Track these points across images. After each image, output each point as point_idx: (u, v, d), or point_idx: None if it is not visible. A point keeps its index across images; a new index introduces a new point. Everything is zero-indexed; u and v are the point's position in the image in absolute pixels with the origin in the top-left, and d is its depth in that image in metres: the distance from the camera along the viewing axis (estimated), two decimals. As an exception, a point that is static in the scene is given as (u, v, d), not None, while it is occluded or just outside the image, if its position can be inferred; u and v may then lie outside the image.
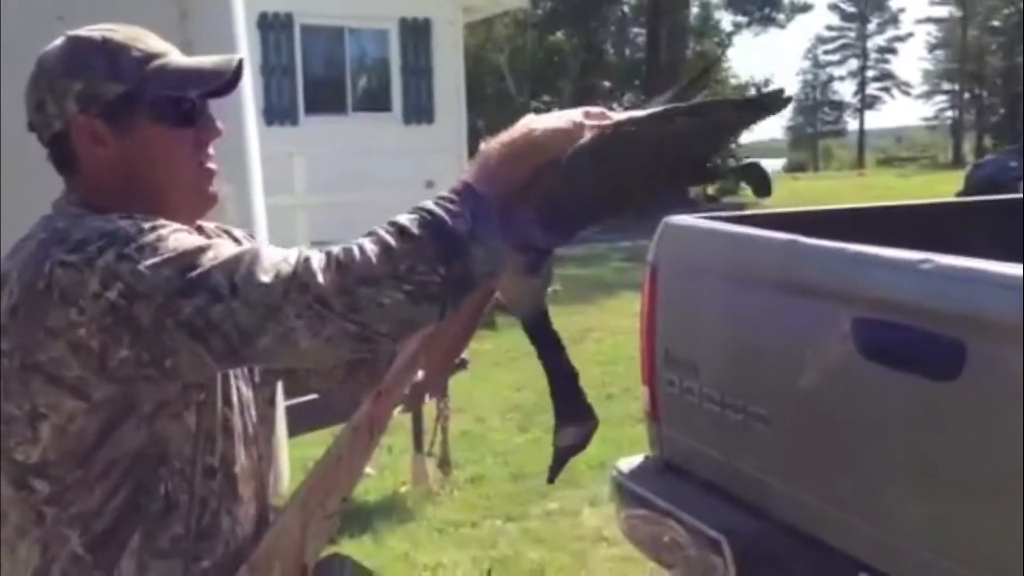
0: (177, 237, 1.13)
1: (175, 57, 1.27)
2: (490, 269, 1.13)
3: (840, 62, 60.39)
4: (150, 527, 1.19)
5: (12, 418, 1.17)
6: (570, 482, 4.97)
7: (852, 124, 60.02)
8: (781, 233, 2.31)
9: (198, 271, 1.08)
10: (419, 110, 10.64)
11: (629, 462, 2.82)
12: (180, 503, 1.21)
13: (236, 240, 1.41)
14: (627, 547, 4.02)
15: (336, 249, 1.10)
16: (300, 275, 1.07)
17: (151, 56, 1.24)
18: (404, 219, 1.11)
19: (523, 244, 1.19)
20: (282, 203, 5.25)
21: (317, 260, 1.09)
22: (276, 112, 9.28)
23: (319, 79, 10.56)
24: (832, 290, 2.15)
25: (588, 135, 1.18)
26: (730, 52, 30.10)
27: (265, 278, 1.07)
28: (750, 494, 2.40)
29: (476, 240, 1.10)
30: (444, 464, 5.03)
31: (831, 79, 60.94)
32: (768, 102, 1.20)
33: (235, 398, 1.27)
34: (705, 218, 2.68)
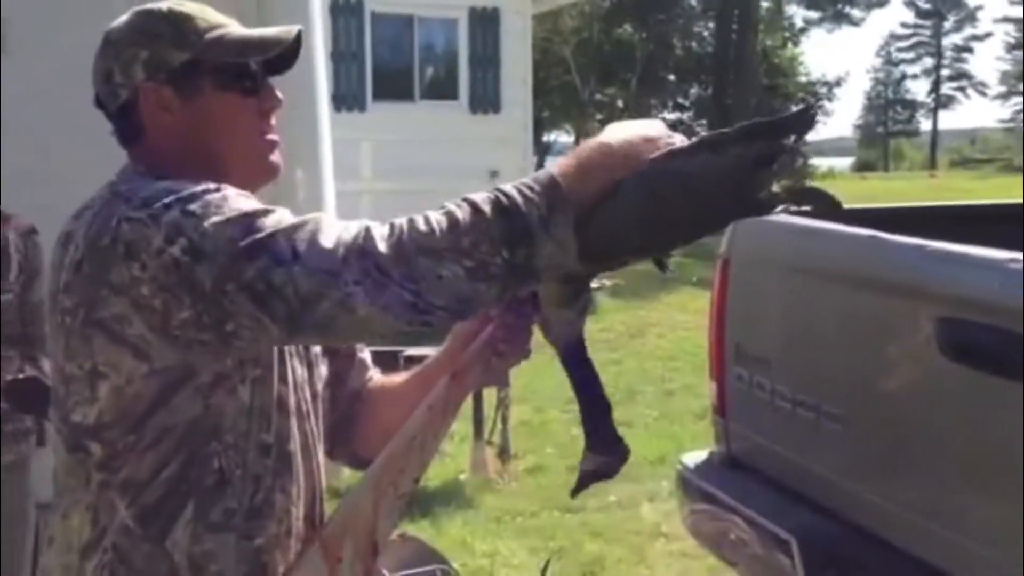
0: (242, 200, 1.13)
1: (235, 27, 1.29)
2: (555, 264, 1.10)
3: (914, 60, 59.05)
4: (203, 500, 1.19)
5: (73, 377, 1.17)
6: (629, 477, 4.95)
7: (925, 124, 58.71)
8: (861, 228, 2.25)
9: (261, 234, 1.08)
10: (485, 100, 10.64)
11: (694, 457, 2.78)
12: (233, 478, 1.21)
13: None
14: (686, 543, 3.98)
15: (401, 219, 1.10)
16: (360, 242, 1.07)
17: (213, 26, 1.27)
18: (478, 196, 1.10)
19: (565, 272, 1.16)
20: (348, 188, 5.29)
21: (379, 229, 1.09)
22: (344, 98, 9.35)
23: (387, 66, 10.62)
24: (914, 288, 2.09)
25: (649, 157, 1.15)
26: (801, 48, 29.54)
27: (327, 243, 1.07)
28: (820, 494, 2.35)
29: (547, 231, 1.08)
30: (503, 453, 5.04)
31: (904, 77, 59.62)
32: (795, 122, 1.14)
33: (290, 376, 1.27)
34: (780, 213, 2.62)
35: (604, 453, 1.30)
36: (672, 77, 27.55)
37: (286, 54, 1.29)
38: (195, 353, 1.14)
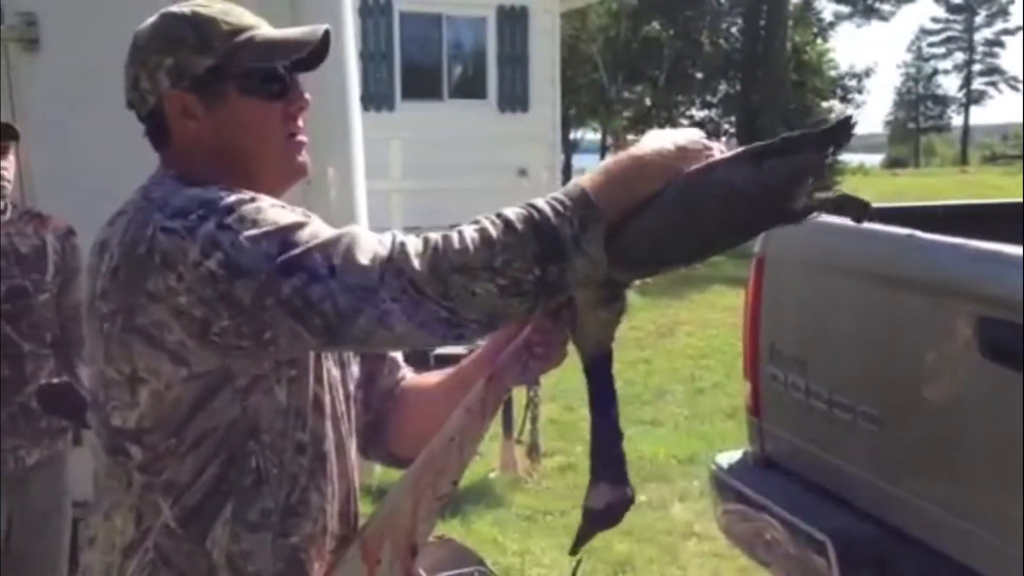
0: (276, 211, 1.13)
1: (264, 29, 1.28)
2: (587, 279, 1.12)
3: (945, 55, 58.40)
4: (241, 499, 1.20)
5: (112, 382, 1.18)
6: (659, 476, 4.94)
7: (956, 120, 58.04)
8: (898, 227, 2.23)
9: (298, 250, 1.09)
10: (514, 98, 10.64)
11: (728, 456, 2.77)
12: (270, 477, 1.21)
13: None
14: (718, 543, 3.97)
15: (436, 235, 1.10)
16: (396, 259, 1.08)
17: (239, 29, 1.25)
18: (511, 212, 1.10)
19: (604, 276, 1.15)
20: (378, 188, 5.31)
21: (413, 245, 1.09)
22: (373, 98, 9.38)
23: (416, 65, 10.64)
24: (954, 288, 2.07)
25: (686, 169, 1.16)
26: (831, 44, 29.25)
27: (363, 260, 1.08)
28: (855, 495, 2.33)
29: (579, 248, 1.09)
30: (533, 452, 5.03)
31: (935, 72, 58.96)
32: (839, 133, 1.14)
33: (325, 377, 1.28)
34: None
35: (613, 482, 1.27)
36: (700, 74, 27.39)
37: (315, 53, 1.28)
38: (233, 357, 1.15)
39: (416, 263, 1.08)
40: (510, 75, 10.65)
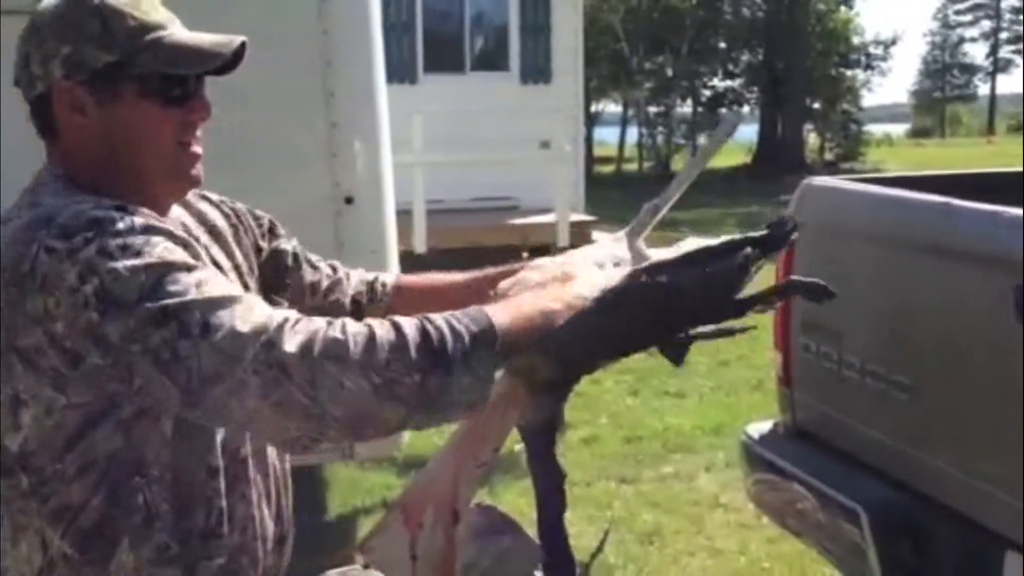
0: (167, 247, 1.07)
1: (174, 30, 1.19)
2: (469, 400, 1.07)
3: (972, 23, 57.49)
4: (134, 536, 1.14)
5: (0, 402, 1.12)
6: (685, 447, 4.94)
7: (983, 89, 57.23)
8: (935, 195, 2.21)
9: (176, 299, 1.03)
10: (536, 70, 10.57)
11: (758, 427, 2.77)
12: (161, 513, 1.15)
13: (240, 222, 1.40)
14: (744, 514, 3.97)
15: (321, 321, 1.05)
16: (272, 333, 1.02)
17: (148, 27, 1.17)
18: (403, 319, 1.06)
19: (544, 379, 1.18)
20: (400, 161, 5.28)
21: (299, 324, 1.04)
22: (396, 70, 9.34)
23: (438, 37, 10.59)
24: (990, 256, 2.04)
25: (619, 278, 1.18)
26: (856, 11, 28.84)
27: (240, 327, 1.02)
28: (889, 464, 2.33)
29: (467, 365, 1.05)
30: (560, 427, 5.04)
31: (961, 40, 58.08)
32: (778, 238, 1.18)
33: None
34: (849, 179, 2.58)
35: (553, 568, 1.28)
36: (723, 44, 27.12)
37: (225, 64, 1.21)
38: (111, 392, 1.09)
39: (289, 342, 1.02)
40: (532, 46, 10.58)
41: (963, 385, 2.16)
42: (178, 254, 1.08)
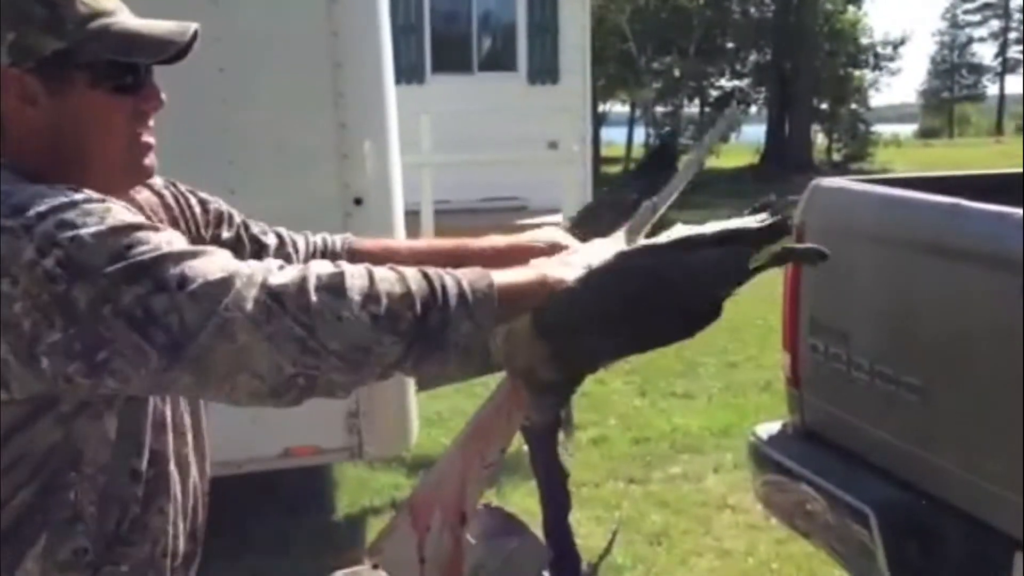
0: (129, 211, 1.04)
1: (124, 17, 1.15)
2: (467, 344, 1.05)
3: (981, 23, 57.32)
4: (54, 535, 1.09)
5: None
6: (693, 448, 4.94)
7: (991, 89, 57.03)
8: (943, 196, 2.20)
9: (145, 256, 0.98)
10: (544, 70, 10.58)
11: (767, 428, 2.76)
12: (86, 515, 1.11)
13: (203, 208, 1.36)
14: (752, 515, 3.97)
15: (317, 262, 1.03)
16: (258, 274, 0.98)
17: (97, 13, 1.13)
18: (404, 267, 1.04)
19: (547, 381, 1.16)
20: (408, 161, 5.29)
21: (286, 266, 1.01)
22: (404, 71, 9.36)
23: (446, 38, 10.61)
24: (1000, 257, 2.04)
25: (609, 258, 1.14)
26: (864, 11, 28.75)
27: (221, 273, 0.98)
28: (898, 466, 2.32)
29: (466, 307, 1.04)
30: (566, 424, 5.04)
31: (970, 40, 57.91)
32: (775, 231, 1.13)
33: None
34: (857, 180, 2.58)
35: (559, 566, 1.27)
36: (730, 44, 27.09)
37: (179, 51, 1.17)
38: (60, 387, 1.02)
39: (279, 277, 0.98)
40: (540, 47, 10.59)
41: (972, 386, 2.15)
42: (140, 218, 1.04)
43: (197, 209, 1.39)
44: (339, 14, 3.35)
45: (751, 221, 1.14)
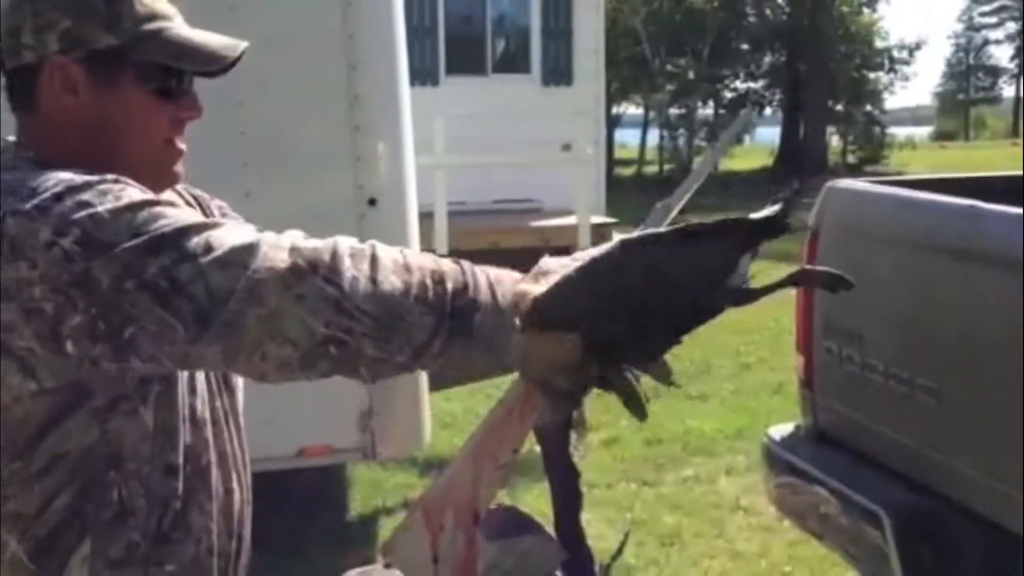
0: (142, 192, 1.02)
1: (178, 23, 1.16)
2: (489, 335, 1.02)
3: (997, 25, 56.99)
4: (101, 535, 1.08)
5: None
6: (706, 450, 4.93)
7: (1008, 91, 56.68)
8: (959, 198, 2.20)
9: (167, 228, 0.96)
10: (558, 72, 10.57)
11: (780, 430, 2.76)
12: (136, 508, 1.09)
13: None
14: (765, 517, 3.96)
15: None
16: (283, 238, 0.97)
17: (154, 15, 1.13)
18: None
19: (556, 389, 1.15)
20: (422, 163, 5.30)
21: (313, 238, 0.99)
22: (418, 72, 9.38)
23: (460, 40, 10.61)
24: (1015, 259, 2.03)
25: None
26: (879, 13, 28.64)
27: (247, 239, 0.96)
28: (912, 468, 2.32)
29: (495, 301, 1.01)
30: (578, 425, 5.04)
31: (986, 43, 57.57)
32: (777, 223, 1.08)
33: (201, 383, 1.16)
34: (873, 182, 2.57)
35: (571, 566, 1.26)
36: (745, 46, 27.03)
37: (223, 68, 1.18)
38: (86, 371, 1.01)
39: (309, 243, 0.97)
40: (554, 49, 10.59)
41: (986, 389, 2.14)
42: (154, 195, 1.03)
43: (216, 213, 1.38)
44: (354, 17, 3.37)
45: (754, 215, 1.10)
